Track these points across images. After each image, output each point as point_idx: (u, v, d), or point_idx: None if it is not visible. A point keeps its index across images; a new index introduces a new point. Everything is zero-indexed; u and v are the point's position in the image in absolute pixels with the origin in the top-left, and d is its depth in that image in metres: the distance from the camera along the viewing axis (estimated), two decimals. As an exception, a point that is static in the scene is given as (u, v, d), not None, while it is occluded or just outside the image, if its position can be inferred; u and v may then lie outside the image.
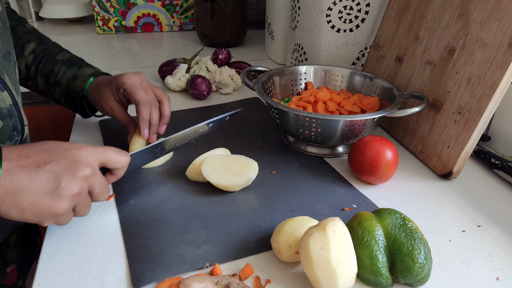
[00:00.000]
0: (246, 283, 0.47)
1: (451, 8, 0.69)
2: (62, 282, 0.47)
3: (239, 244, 0.52)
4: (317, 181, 0.65)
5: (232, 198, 0.61)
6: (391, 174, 0.63)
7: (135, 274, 0.47)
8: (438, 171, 0.67)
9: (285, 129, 0.72)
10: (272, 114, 0.72)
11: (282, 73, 0.82)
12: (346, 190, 0.63)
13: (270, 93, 0.79)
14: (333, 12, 0.88)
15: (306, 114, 0.64)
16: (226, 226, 0.55)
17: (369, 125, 0.67)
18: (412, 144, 0.74)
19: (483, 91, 0.62)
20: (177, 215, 0.57)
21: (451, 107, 0.67)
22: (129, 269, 0.48)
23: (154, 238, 0.53)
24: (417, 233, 0.46)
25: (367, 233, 0.46)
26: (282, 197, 0.61)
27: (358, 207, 0.60)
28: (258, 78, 0.76)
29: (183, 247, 0.51)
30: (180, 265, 0.48)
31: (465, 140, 0.63)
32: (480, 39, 0.63)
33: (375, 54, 0.87)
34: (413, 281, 0.45)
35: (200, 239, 0.53)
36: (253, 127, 0.82)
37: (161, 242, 0.52)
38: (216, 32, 1.29)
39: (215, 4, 1.24)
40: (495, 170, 0.67)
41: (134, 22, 1.44)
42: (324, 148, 0.73)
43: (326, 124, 0.65)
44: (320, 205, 0.60)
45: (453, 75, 0.67)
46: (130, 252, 0.51)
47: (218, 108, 0.90)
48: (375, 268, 0.45)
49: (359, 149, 0.63)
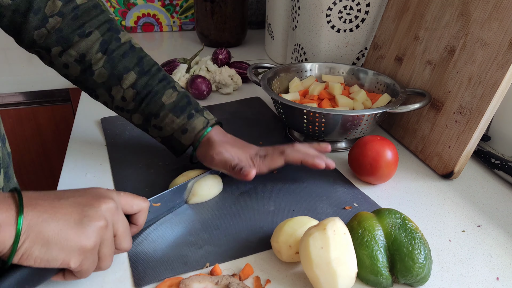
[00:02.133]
0: (246, 283, 0.47)
1: (451, 8, 0.69)
2: (62, 282, 0.47)
3: (240, 244, 0.52)
4: (318, 179, 0.65)
5: (233, 200, 0.61)
6: (391, 174, 0.63)
7: (137, 274, 0.47)
8: (439, 171, 0.67)
9: (289, 124, 0.73)
10: (277, 109, 0.74)
11: (288, 70, 0.84)
12: (347, 189, 0.63)
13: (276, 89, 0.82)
14: (333, 12, 0.88)
15: (310, 108, 0.66)
16: (227, 227, 0.55)
17: (371, 121, 0.68)
18: (412, 144, 0.74)
19: (484, 91, 0.61)
20: (179, 217, 0.57)
21: (452, 107, 0.67)
22: (131, 268, 0.48)
23: (155, 239, 0.53)
24: (417, 233, 0.46)
25: (367, 233, 0.46)
26: (283, 197, 0.61)
27: (359, 206, 0.60)
28: (264, 74, 0.78)
29: (185, 248, 0.51)
30: (182, 265, 0.49)
31: (466, 140, 0.63)
32: (480, 39, 0.63)
33: (374, 54, 0.87)
34: (413, 281, 0.45)
35: (202, 240, 0.53)
36: (254, 126, 0.82)
37: (163, 243, 0.52)
38: (216, 32, 1.29)
39: (215, 4, 1.24)
40: (495, 170, 0.67)
41: (134, 22, 1.44)
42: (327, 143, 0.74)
43: (329, 119, 0.67)
44: (321, 204, 0.60)
45: (454, 75, 0.67)
46: (132, 252, 0.51)
47: (219, 108, 0.90)
48: (375, 268, 0.45)
49: (359, 149, 0.63)
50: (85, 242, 0.39)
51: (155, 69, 0.63)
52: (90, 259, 0.40)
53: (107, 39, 0.60)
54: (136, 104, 0.62)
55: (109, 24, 0.61)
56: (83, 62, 0.60)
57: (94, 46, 0.59)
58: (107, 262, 0.43)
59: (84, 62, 0.60)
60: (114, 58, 0.60)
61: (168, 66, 1.00)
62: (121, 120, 0.82)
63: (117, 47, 0.60)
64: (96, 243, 0.40)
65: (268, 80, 0.77)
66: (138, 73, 0.61)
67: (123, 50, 0.61)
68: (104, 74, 0.60)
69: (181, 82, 0.95)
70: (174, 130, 0.63)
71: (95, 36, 0.59)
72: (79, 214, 0.39)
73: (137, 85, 0.61)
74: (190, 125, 0.63)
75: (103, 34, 0.60)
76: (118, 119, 0.82)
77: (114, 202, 0.42)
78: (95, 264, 0.41)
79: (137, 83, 0.61)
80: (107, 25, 0.60)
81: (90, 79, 0.61)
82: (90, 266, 0.41)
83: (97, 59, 0.60)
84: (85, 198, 0.41)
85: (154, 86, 0.62)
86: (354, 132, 0.69)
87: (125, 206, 0.46)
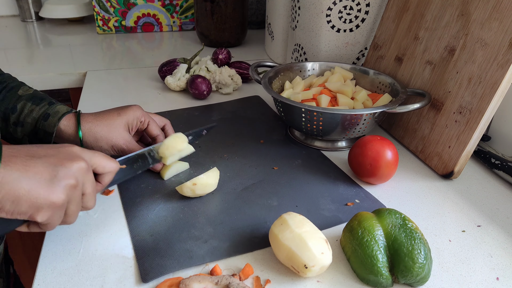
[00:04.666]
0: (246, 283, 0.47)
1: (451, 8, 0.69)
2: (62, 282, 0.47)
3: (245, 239, 0.53)
4: (320, 177, 0.66)
5: (236, 195, 0.61)
6: (391, 174, 0.63)
7: (144, 269, 0.48)
8: (439, 171, 0.67)
9: (289, 123, 0.74)
10: (278, 108, 0.74)
11: (290, 69, 0.84)
12: (349, 186, 0.64)
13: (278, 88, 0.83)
14: (333, 12, 0.88)
15: (308, 107, 0.66)
16: (231, 222, 0.56)
17: (370, 120, 0.68)
18: (412, 144, 0.74)
19: (484, 91, 0.61)
20: (183, 212, 0.58)
21: (452, 107, 0.67)
22: (137, 264, 0.49)
23: (161, 234, 0.53)
24: (417, 233, 0.46)
25: (367, 233, 0.46)
26: (286, 192, 0.62)
27: (360, 202, 0.60)
28: (266, 73, 0.78)
29: (190, 243, 0.52)
30: (187, 260, 0.49)
31: (467, 140, 0.63)
32: (480, 39, 0.63)
33: (374, 54, 0.87)
34: (413, 281, 0.45)
35: (207, 234, 0.53)
36: (255, 125, 0.82)
37: (168, 238, 0.53)
38: (216, 32, 1.29)
39: (215, 4, 1.24)
40: (495, 170, 0.67)
41: (134, 22, 1.44)
42: (327, 142, 0.74)
43: (327, 118, 0.67)
44: (323, 201, 0.60)
45: (454, 75, 0.67)
46: (138, 248, 0.51)
47: (219, 107, 0.90)
48: (375, 268, 0.45)
49: (359, 149, 0.63)
50: (55, 199, 0.40)
51: (8, 74, 0.63)
52: (57, 215, 0.42)
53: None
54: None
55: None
56: None
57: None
58: (73, 217, 0.45)
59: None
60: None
61: (168, 66, 1.00)
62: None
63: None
64: (65, 201, 0.42)
65: (269, 79, 0.77)
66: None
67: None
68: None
69: (181, 82, 0.95)
70: (35, 120, 0.60)
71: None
72: (50, 173, 0.41)
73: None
74: (53, 109, 0.60)
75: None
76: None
77: (85, 163, 0.44)
78: (61, 219, 0.43)
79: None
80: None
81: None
82: (56, 221, 0.43)
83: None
84: (57, 158, 0.42)
85: (10, 83, 0.62)
86: (353, 131, 0.69)
87: (98, 167, 0.48)
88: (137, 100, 0.93)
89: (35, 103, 0.60)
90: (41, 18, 1.57)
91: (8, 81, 0.62)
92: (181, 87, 0.96)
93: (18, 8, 1.53)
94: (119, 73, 1.09)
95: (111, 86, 1.01)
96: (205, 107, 0.90)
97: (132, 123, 0.64)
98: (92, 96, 0.95)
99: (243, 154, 0.72)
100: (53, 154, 0.42)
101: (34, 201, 0.39)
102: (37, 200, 0.40)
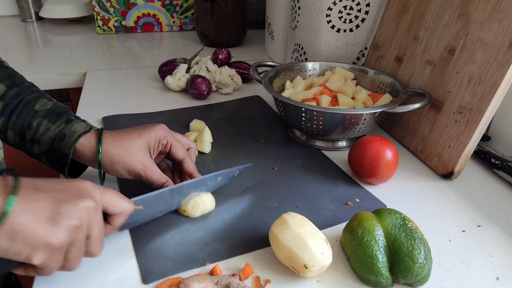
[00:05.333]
0: (246, 283, 0.47)
1: (451, 8, 0.69)
2: (62, 282, 0.47)
3: (245, 240, 0.53)
4: (320, 176, 0.66)
5: (236, 197, 0.61)
6: (391, 174, 0.63)
7: (145, 270, 0.48)
8: (439, 171, 0.67)
9: (289, 122, 0.74)
10: (278, 108, 0.74)
11: (291, 69, 0.84)
12: (349, 185, 0.64)
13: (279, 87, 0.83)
14: (333, 12, 0.88)
15: (308, 106, 0.67)
16: (232, 223, 0.56)
17: (369, 120, 0.68)
18: (412, 144, 0.74)
19: (484, 90, 0.61)
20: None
21: (452, 107, 0.67)
22: (138, 265, 0.49)
23: (162, 236, 0.53)
24: (417, 233, 0.46)
25: (367, 233, 0.46)
26: (286, 193, 0.62)
27: (361, 201, 0.60)
28: (266, 73, 0.79)
29: (191, 245, 0.52)
30: (189, 262, 0.49)
31: (467, 140, 0.63)
32: (480, 39, 0.63)
33: (374, 54, 0.87)
34: (413, 281, 0.45)
35: (208, 237, 0.54)
36: (255, 125, 0.82)
37: (169, 239, 0.53)
38: (216, 32, 1.29)
39: (215, 4, 1.24)
40: (495, 170, 0.67)
41: (134, 22, 1.44)
42: (328, 141, 0.75)
43: (327, 117, 0.67)
44: (323, 200, 0.60)
45: (454, 75, 0.67)
46: (139, 249, 0.51)
47: (219, 107, 0.90)
48: (375, 268, 0.45)
49: (359, 149, 0.63)
50: (53, 239, 0.36)
51: (29, 84, 0.59)
52: (55, 258, 0.38)
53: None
54: (6, 119, 0.56)
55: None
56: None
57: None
58: (74, 264, 0.40)
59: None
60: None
61: (168, 66, 1.00)
62: (123, 118, 0.82)
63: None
64: (64, 243, 0.38)
65: (269, 79, 0.77)
66: (8, 85, 0.56)
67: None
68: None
69: (181, 82, 0.95)
70: (51, 139, 0.55)
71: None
72: (52, 210, 0.37)
73: (6, 96, 0.56)
74: (69, 129, 0.55)
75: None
76: (119, 117, 0.82)
77: (94, 202, 0.40)
78: (59, 263, 0.39)
79: (6, 94, 0.56)
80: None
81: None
82: (55, 265, 0.39)
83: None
84: (63, 194, 0.38)
85: (26, 96, 0.57)
86: (353, 131, 0.69)
87: (109, 206, 0.43)
88: (137, 100, 0.93)
89: (51, 121, 0.56)
90: (41, 18, 1.57)
91: (25, 93, 0.58)
92: (181, 87, 0.96)
93: (18, 8, 1.53)
94: (119, 73, 1.09)
95: (111, 86, 1.01)
96: (205, 107, 0.90)
97: (155, 145, 0.57)
98: (92, 96, 0.95)
99: (243, 154, 0.72)
100: (60, 189, 0.39)
101: (30, 238, 0.36)
102: (33, 238, 0.36)
